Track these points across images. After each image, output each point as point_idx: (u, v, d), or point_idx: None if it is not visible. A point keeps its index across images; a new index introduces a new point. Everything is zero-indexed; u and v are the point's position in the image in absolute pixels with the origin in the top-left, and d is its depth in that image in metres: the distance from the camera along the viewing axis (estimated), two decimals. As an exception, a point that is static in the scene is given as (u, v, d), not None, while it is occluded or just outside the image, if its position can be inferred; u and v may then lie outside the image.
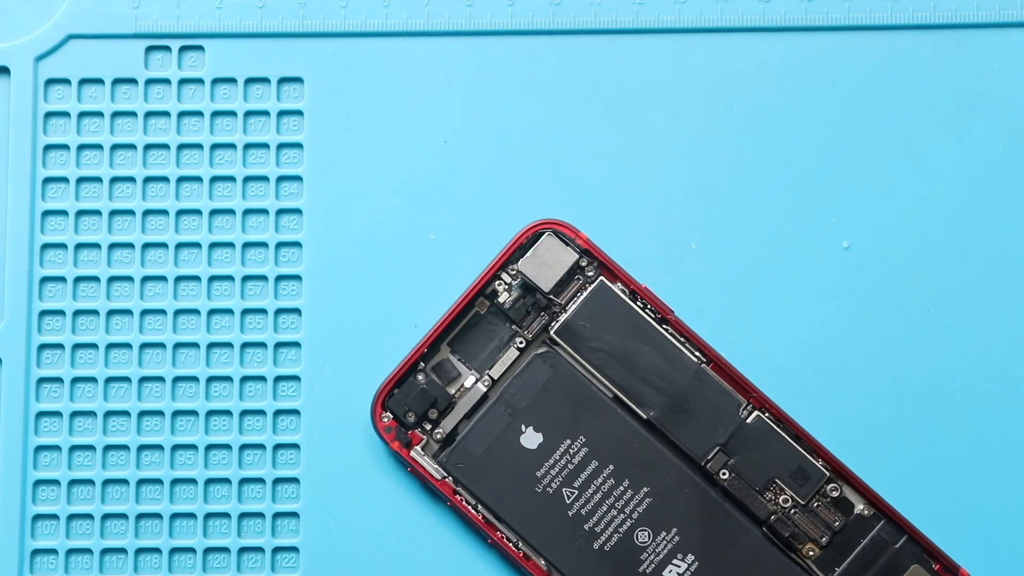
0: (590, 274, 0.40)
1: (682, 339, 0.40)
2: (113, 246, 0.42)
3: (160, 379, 0.41)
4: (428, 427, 0.39)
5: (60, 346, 0.41)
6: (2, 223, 0.41)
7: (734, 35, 0.42)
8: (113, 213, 0.42)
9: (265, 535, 0.40)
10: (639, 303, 0.40)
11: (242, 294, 0.41)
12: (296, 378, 0.41)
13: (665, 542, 0.39)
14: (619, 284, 0.40)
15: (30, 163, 0.42)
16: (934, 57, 0.42)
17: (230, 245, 0.42)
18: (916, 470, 0.40)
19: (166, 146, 0.42)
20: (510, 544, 0.39)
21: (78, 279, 0.41)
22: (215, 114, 0.42)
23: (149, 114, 0.42)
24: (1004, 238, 0.41)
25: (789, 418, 0.39)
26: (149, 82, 0.42)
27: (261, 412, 0.41)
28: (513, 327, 0.40)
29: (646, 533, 0.39)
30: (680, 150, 0.42)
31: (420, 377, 0.39)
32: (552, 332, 0.40)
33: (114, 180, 0.42)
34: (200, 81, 0.42)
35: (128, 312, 0.41)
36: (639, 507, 0.39)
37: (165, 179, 0.42)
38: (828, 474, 0.39)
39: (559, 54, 0.42)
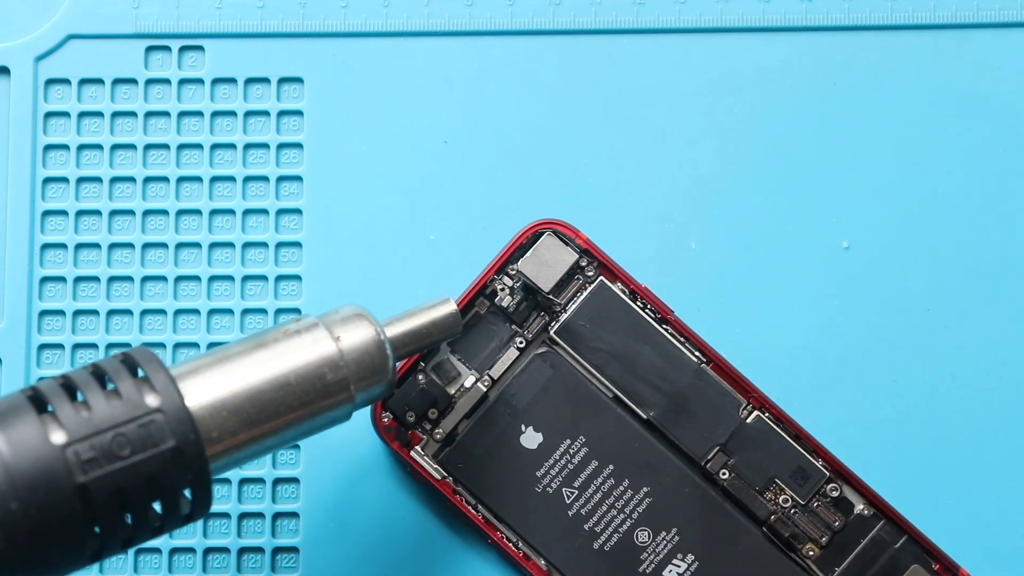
0: (590, 274, 0.40)
1: (682, 339, 0.39)
2: (113, 246, 0.42)
3: (160, 379, 0.41)
4: (428, 427, 0.39)
5: (60, 346, 0.41)
6: (2, 223, 0.41)
7: (734, 35, 0.42)
8: (113, 213, 0.42)
9: (265, 535, 0.40)
10: (639, 303, 0.40)
11: (242, 294, 0.41)
12: (296, 378, 0.41)
13: (665, 542, 0.39)
14: (619, 284, 0.40)
15: (30, 163, 0.42)
16: (934, 57, 0.42)
17: (230, 245, 0.42)
18: (916, 470, 0.40)
19: (166, 146, 0.42)
20: (510, 544, 0.39)
21: (78, 279, 0.41)
22: (215, 114, 0.42)
23: (149, 114, 0.42)
24: (1004, 238, 0.41)
25: (789, 418, 0.39)
26: (149, 82, 0.42)
27: (261, 412, 0.41)
28: (513, 327, 0.40)
29: (646, 533, 0.39)
30: (680, 150, 0.42)
31: (420, 377, 0.39)
32: (552, 332, 0.39)
33: (114, 180, 0.42)
34: (200, 81, 0.42)
35: (128, 312, 0.41)
36: (639, 507, 0.39)
37: (165, 179, 0.42)
38: (828, 474, 0.39)
39: (559, 54, 0.42)
